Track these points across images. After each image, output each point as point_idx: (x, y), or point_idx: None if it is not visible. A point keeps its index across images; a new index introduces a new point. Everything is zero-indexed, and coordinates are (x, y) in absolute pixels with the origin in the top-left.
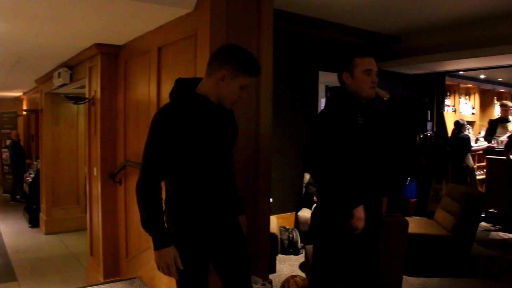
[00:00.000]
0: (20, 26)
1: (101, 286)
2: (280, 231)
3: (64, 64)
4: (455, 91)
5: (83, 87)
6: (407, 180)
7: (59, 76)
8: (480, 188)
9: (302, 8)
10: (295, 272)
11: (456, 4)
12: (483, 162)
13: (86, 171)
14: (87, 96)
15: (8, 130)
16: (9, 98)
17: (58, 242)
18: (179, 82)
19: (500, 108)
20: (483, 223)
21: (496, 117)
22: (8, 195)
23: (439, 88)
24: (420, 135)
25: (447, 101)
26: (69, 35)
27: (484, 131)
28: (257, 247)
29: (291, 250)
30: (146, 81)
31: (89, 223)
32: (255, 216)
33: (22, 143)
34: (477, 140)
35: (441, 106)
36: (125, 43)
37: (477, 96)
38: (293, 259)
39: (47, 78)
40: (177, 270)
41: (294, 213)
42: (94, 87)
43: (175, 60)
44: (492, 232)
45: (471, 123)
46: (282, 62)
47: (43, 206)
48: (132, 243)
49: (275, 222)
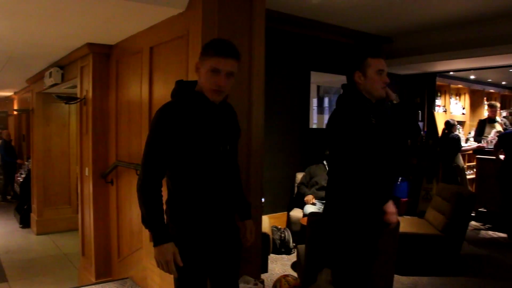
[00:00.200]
0: (11, 25)
1: (92, 287)
2: (272, 230)
3: (55, 64)
4: (445, 91)
5: (74, 86)
6: (398, 180)
7: (50, 75)
8: (470, 188)
9: (294, 8)
10: (287, 272)
11: (447, 5)
12: (473, 162)
13: (77, 171)
14: (78, 96)
15: None
16: None
17: (49, 243)
18: (179, 82)
19: (488, 108)
20: (473, 222)
21: (485, 117)
22: None
23: (430, 89)
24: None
25: (438, 101)
26: (60, 34)
27: (474, 131)
28: (249, 246)
29: (283, 250)
30: (138, 81)
31: (80, 223)
32: None
33: (13, 143)
34: (467, 140)
35: (432, 106)
36: (117, 42)
37: (467, 97)
38: (285, 259)
39: (38, 77)
40: (176, 269)
41: (286, 212)
42: (85, 87)
43: (167, 60)
44: (482, 231)
45: (462, 123)
46: (274, 62)
47: (34, 207)
48: (124, 243)
49: (267, 222)
